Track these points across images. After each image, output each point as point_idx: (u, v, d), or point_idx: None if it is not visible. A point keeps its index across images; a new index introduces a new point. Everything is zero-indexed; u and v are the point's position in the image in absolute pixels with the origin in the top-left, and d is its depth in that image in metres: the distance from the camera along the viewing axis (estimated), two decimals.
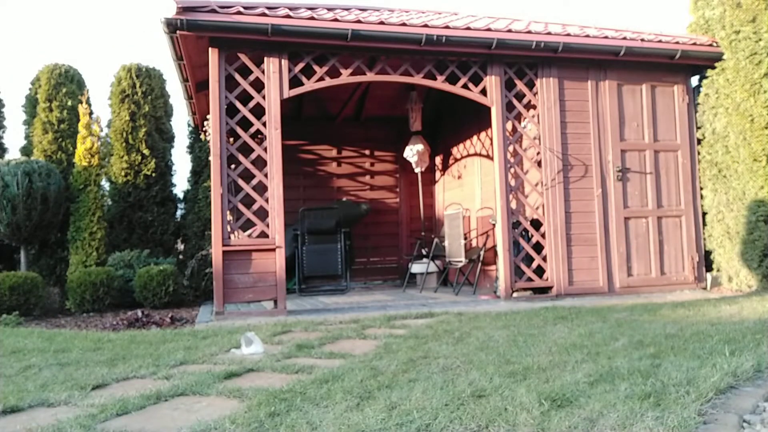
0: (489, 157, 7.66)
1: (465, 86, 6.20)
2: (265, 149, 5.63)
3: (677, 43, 6.43)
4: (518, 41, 6.02)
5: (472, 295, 6.59)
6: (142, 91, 8.58)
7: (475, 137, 8.33)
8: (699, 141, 6.66)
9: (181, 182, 17.73)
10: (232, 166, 5.66)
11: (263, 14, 5.45)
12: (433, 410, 2.12)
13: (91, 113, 8.08)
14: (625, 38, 6.34)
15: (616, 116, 6.46)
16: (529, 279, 6.14)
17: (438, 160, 9.70)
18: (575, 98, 6.40)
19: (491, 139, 6.74)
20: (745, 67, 6.01)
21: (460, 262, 7.10)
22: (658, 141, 6.57)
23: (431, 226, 9.51)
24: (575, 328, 3.90)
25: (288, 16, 5.52)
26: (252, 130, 5.64)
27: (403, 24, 5.79)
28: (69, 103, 8.69)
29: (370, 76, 6.07)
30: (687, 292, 6.29)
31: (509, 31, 6.10)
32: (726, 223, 6.32)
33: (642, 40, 6.38)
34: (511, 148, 6.37)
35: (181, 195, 9.15)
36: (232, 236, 5.74)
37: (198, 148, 9.08)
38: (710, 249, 6.55)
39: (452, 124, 9.10)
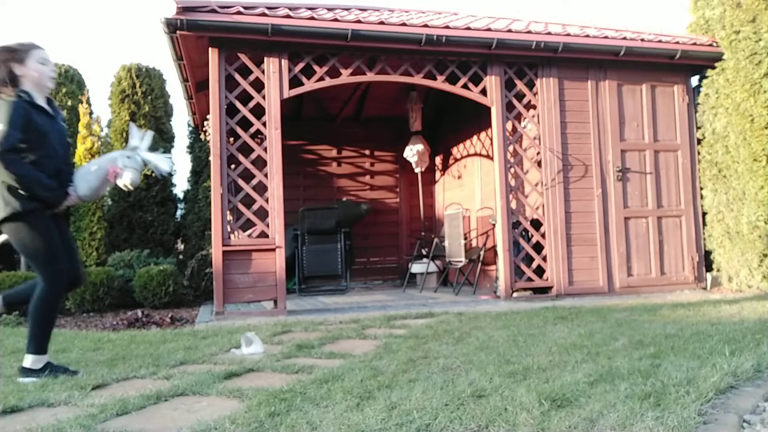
0: (489, 157, 7.66)
1: (465, 86, 6.20)
2: (265, 149, 5.63)
3: (677, 43, 6.43)
4: (518, 41, 6.03)
5: (472, 295, 6.59)
6: (142, 91, 8.59)
7: (475, 137, 8.33)
8: (699, 141, 6.66)
9: (181, 182, 17.72)
10: (232, 166, 5.65)
11: (263, 14, 5.44)
12: (433, 410, 2.11)
13: (91, 113, 8.09)
14: (625, 38, 6.34)
15: (616, 116, 6.46)
16: (529, 279, 6.14)
17: (438, 160, 9.70)
18: (575, 98, 6.40)
19: (491, 139, 6.74)
20: (745, 67, 6.01)
21: (460, 262, 7.10)
22: (658, 141, 6.57)
23: (431, 226, 9.51)
24: (575, 328, 3.90)
25: (288, 16, 5.52)
26: (252, 130, 5.64)
27: (403, 24, 5.79)
28: (69, 103, 8.70)
29: (370, 76, 6.07)
30: (687, 292, 6.29)
31: (509, 31, 6.10)
32: (726, 223, 6.31)
33: (642, 40, 6.38)
34: (511, 148, 6.37)
35: (181, 195, 9.15)
36: (232, 236, 5.74)
37: (198, 148, 9.08)
38: (710, 249, 6.55)
39: (452, 124, 9.10)
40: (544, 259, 6.21)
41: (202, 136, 8.94)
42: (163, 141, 8.93)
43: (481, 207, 7.95)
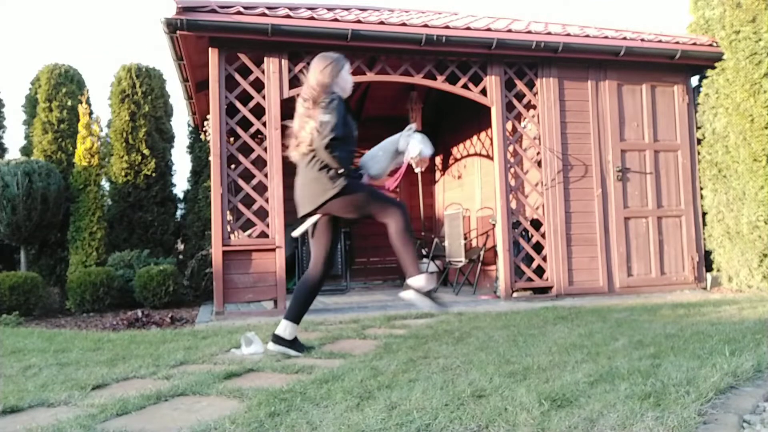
0: (489, 157, 7.66)
1: (465, 86, 6.20)
2: (265, 149, 5.63)
3: (677, 43, 6.43)
4: (518, 41, 6.02)
5: (472, 295, 6.59)
6: (142, 91, 8.58)
7: (475, 137, 8.33)
8: (699, 141, 6.66)
9: (181, 182, 17.72)
10: (232, 166, 5.66)
11: (263, 14, 5.45)
12: (433, 410, 2.11)
13: (91, 113, 8.08)
14: (625, 38, 6.34)
15: (616, 116, 6.46)
16: (529, 279, 6.14)
17: (438, 160, 9.70)
18: (575, 98, 6.40)
19: (491, 139, 6.74)
20: (745, 67, 6.01)
21: (460, 262, 7.10)
22: (658, 141, 6.57)
23: (431, 226, 9.51)
24: (575, 328, 3.90)
25: (288, 16, 5.52)
26: (252, 130, 5.64)
27: (403, 24, 5.79)
28: (69, 103, 8.69)
29: (370, 76, 6.07)
30: (687, 292, 6.29)
31: (509, 31, 6.10)
32: (726, 223, 6.31)
33: (642, 40, 6.38)
34: (511, 148, 6.37)
35: (181, 195, 9.15)
36: (232, 236, 5.75)
37: (198, 148, 9.08)
38: (710, 249, 6.55)
39: (452, 124, 9.09)
40: (544, 259, 6.21)
41: (202, 136, 8.93)
42: (163, 141, 8.93)
43: (481, 207, 7.95)
